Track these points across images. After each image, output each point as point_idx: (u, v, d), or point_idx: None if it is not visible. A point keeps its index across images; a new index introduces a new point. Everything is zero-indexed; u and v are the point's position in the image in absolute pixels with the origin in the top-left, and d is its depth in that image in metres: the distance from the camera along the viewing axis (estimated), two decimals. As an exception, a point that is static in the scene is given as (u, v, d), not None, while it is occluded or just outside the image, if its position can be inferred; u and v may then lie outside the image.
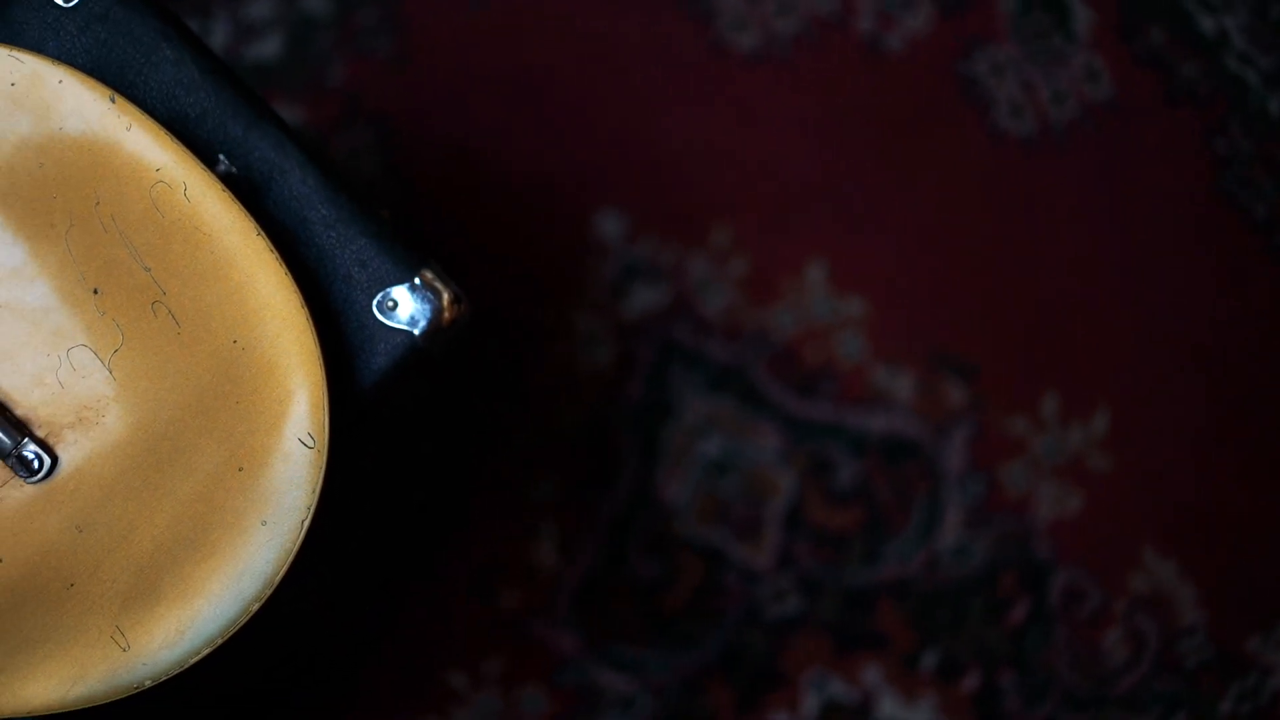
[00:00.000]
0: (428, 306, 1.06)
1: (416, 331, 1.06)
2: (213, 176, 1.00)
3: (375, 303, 1.06)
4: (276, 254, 1.00)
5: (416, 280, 1.06)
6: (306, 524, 0.99)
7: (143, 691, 0.98)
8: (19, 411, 0.98)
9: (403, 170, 1.66)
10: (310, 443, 0.99)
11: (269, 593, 0.99)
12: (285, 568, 0.99)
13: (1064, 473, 1.63)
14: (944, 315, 1.66)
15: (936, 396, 1.65)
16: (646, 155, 1.67)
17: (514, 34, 1.67)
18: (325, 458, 0.99)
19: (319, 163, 1.07)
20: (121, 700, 0.98)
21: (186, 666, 0.99)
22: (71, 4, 1.05)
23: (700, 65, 1.67)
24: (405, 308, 1.06)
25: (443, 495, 1.64)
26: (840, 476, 1.64)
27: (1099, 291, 1.66)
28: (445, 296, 1.07)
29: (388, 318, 1.06)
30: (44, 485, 0.98)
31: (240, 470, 0.99)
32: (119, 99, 1.00)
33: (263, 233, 1.00)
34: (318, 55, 1.65)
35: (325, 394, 1.00)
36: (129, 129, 1.00)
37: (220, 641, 0.99)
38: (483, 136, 1.64)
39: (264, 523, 0.99)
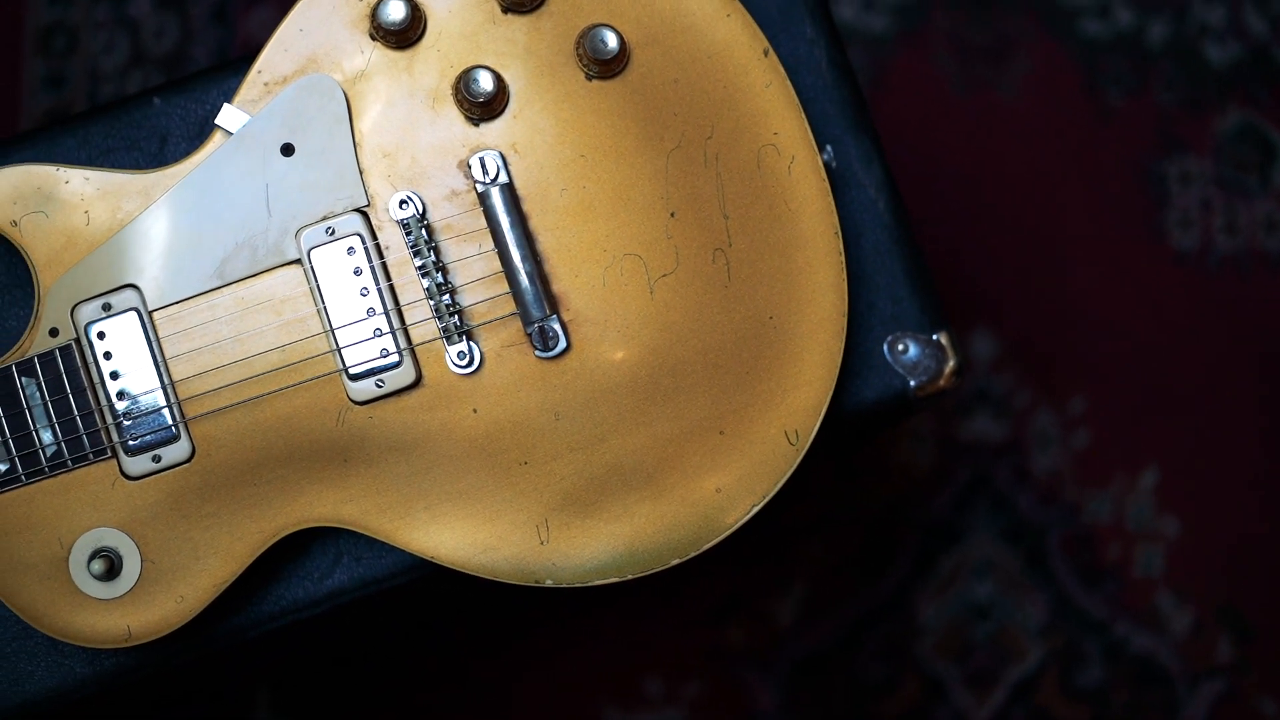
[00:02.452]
0: (932, 365, 1.07)
1: (913, 383, 1.07)
2: (819, 161, 1.02)
3: (888, 340, 1.07)
4: (844, 258, 1.02)
5: (934, 337, 1.07)
6: (755, 510, 1.01)
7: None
8: (556, 287, 1.00)
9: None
10: (794, 440, 1.01)
11: (689, 557, 1.00)
12: (715, 541, 1.00)
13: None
14: (1247, 571, 1.64)
15: (1206, 644, 1.64)
16: (1043, 296, 1.67)
17: (978, 131, 1.69)
18: (800, 459, 1.01)
19: (892, 190, 1.09)
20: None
21: (586, 585, 1.00)
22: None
23: (1130, 241, 1.68)
24: (913, 358, 1.07)
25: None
26: (1085, 673, 1.63)
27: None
28: (950, 364, 1.08)
29: (893, 359, 1.07)
30: (547, 363, 1.00)
31: (721, 434, 1.00)
32: (771, 54, 1.02)
33: (840, 234, 1.01)
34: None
35: (826, 404, 1.01)
36: (767, 86, 1.02)
37: (626, 578, 1.00)
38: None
39: (718, 490, 1.00)
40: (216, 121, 1.00)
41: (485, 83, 0.98)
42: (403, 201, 0.99)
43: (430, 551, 1.00)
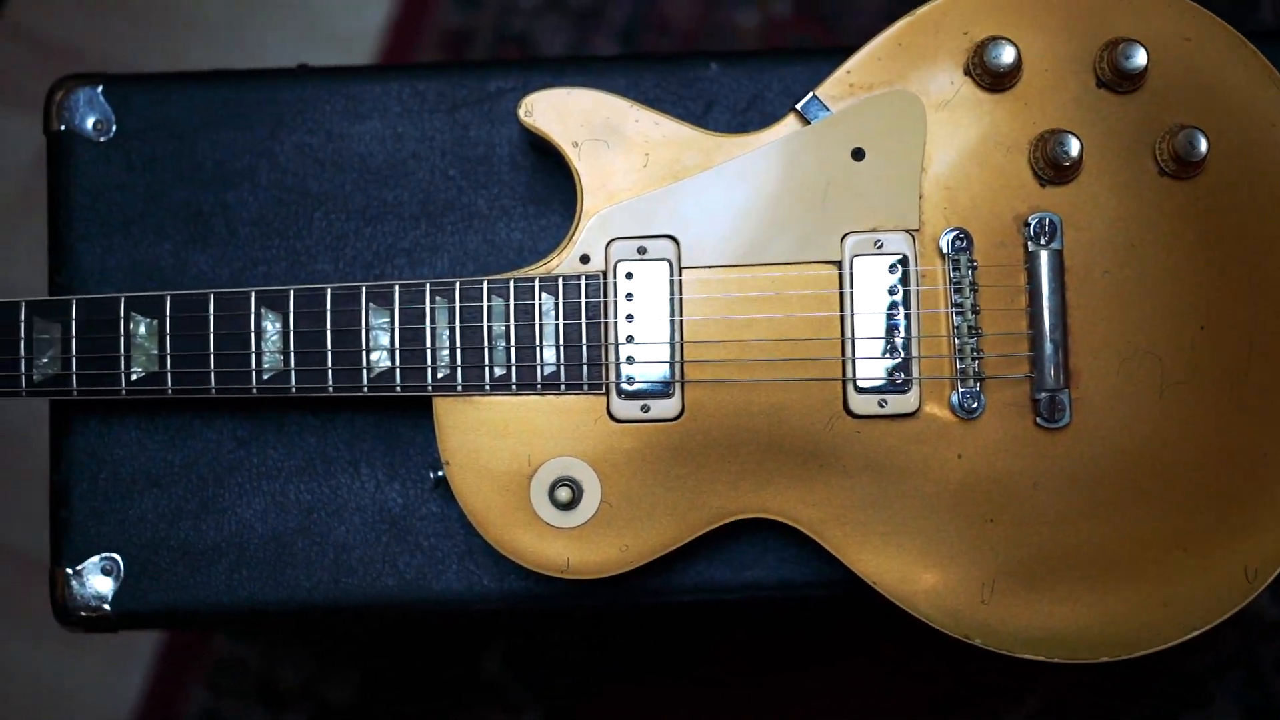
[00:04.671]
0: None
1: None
2: (1350, 320, 1.02)
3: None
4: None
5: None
6: (1193, 635, 1.00)
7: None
8: (1073, 363, 1.00)
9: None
10: (1251, 578, 1.01)
11: (1118, 658, 1.00)
12: (1147, 652, 1.00)
13: None
14: None
15: None
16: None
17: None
18: (1250, 598, 1.00)
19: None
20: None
21: (1012, 654, 1.00)
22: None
23: None
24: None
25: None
26: None
27: None
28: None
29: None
30: (1043, 432, 1.00)
31: (1183, 550, 1.00)
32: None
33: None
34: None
35: (1295, 552, 1.01)
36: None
37: (1054, 660, 1.00)
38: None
39: (1165, 604, 1.00)
40: (798, 107, 1.01)
41: (1071, 148, 0.99)
42: (956, 237, 1.00)
43: (873, 576, 1.00)
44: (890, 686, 1.62)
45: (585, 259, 1.01)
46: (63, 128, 1.09)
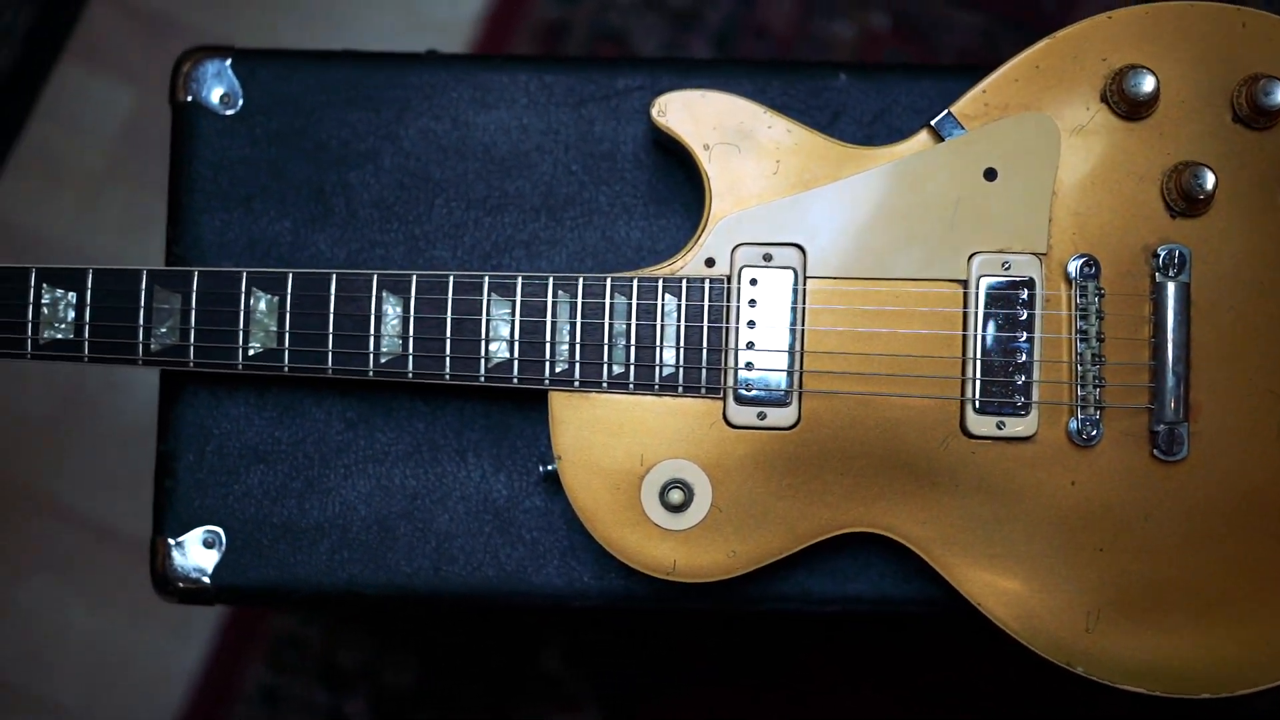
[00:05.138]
0: None
1: None
2: None
3: None
4: None
5: None
6: None
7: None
8: (1194, 397, 1.00)
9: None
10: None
11: (1218, 696, 1.00)
12: (1245, 692, 1.00)
13: None
14: None
15: None
16: None
17: None
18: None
19: None
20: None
21: (1113, 685, 1.00)
22: None
23: None
24: None
25: None
26: None
27: None
28: None
29: None
30: (1159, 464, 1.00)
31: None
32: None
33: None
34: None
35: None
36: None
37: (1155, 694, 1.00)
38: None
39: (1269, 644, 1.00)
40: (932, 123, 1.01)
41: (1206, 181, 0.99)
42: (1084, 264, 1.00)
43: (978, 597, 1.00)
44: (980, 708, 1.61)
45: (710, 262, 1.01)
46: (189, 99, 1.09)
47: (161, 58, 1.61)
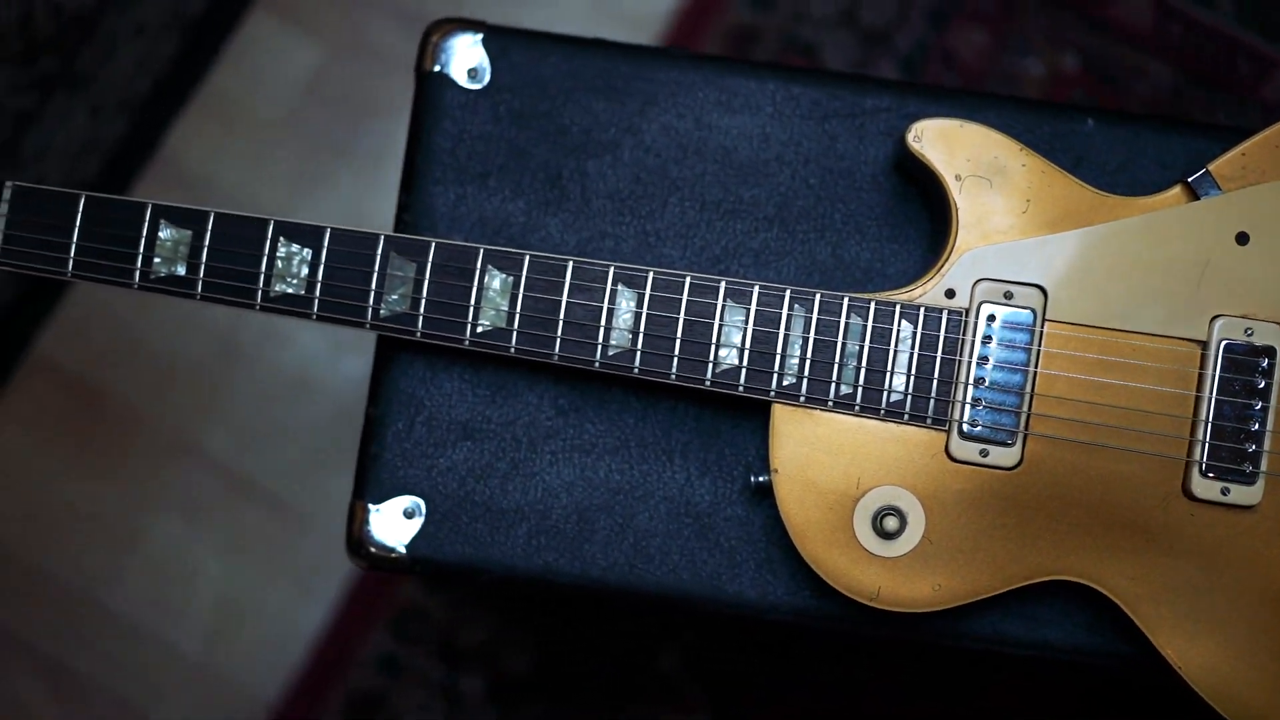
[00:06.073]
0: None
1: None
2: None
3: None
4: None
5: None
6: None
7: None
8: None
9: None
10: None
11: None
12: None
13: None
14: None
15: None
16: None
17: None
18: None
19: None
20: None
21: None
22: None
23: None
24: None
25: None
26: None
27: None
28: None
29: None
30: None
31: None
32: None
33: None
34: None
35: None
36: None
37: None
38: None
39: None
40: (1189, 180, 1.00)
41: None
42: (1336, 340, 0.98)
43: (1179, 661, 0.99)
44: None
45: (950, 293, 1.00)
46: (435, 69, 1.09)
47: (351, 20, 1.62)
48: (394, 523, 1.06)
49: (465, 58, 1.09)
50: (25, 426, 1.66)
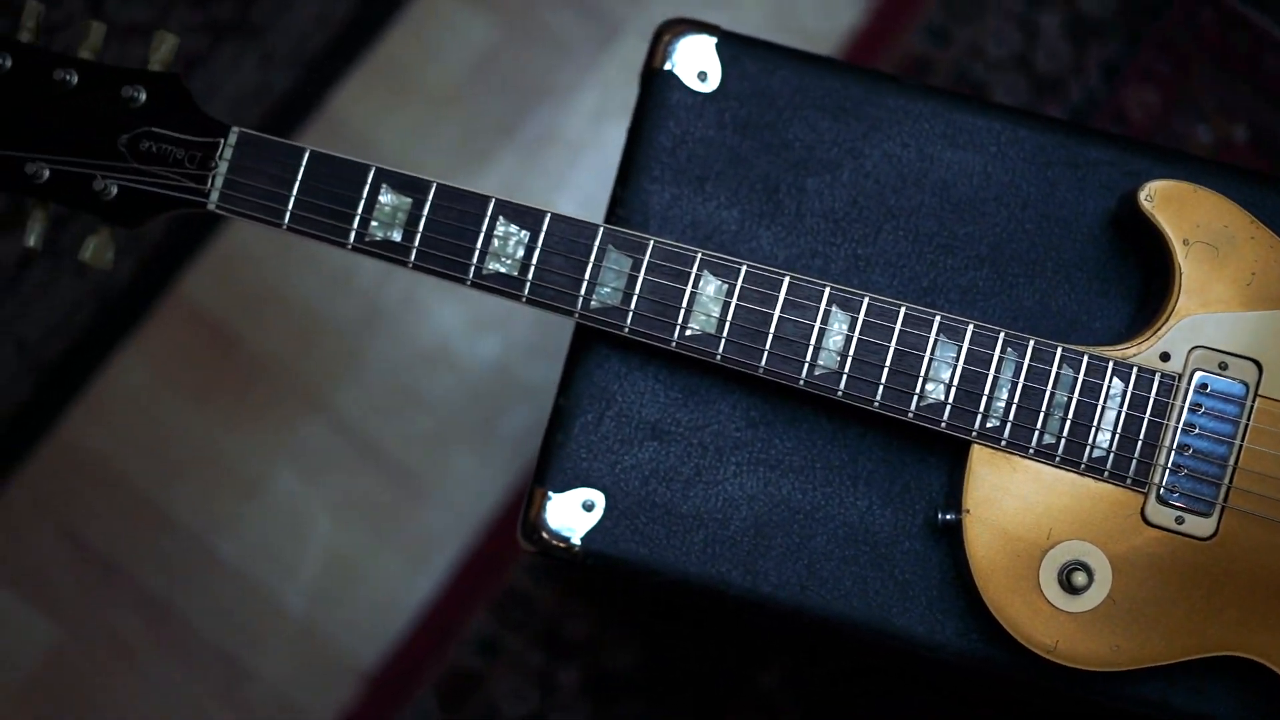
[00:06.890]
0: None
1: None
2: None
3: None
4: None
5: None
6: None
7: None
8: None
9: None
10: None
11: None
12: None
13: None
14: None
15: None
16: None
17: None
18: None
19: None
20: None
21: None
22: None
23: None
24: None
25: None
26: None
27: None
28: None
29: None
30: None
31: None
32: None
33: None
34: None
35: None
36: None
37: None
38: None
39: None
40: None
41: None
42: None
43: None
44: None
45: (1165, 357, 0.99)
46: (665, 67, 1.09)
47: (531, 3, 1.62)
48: (571, 513, 1.06)
49: (695, 60, 1.09)
50: (160, 362, 1.67)
